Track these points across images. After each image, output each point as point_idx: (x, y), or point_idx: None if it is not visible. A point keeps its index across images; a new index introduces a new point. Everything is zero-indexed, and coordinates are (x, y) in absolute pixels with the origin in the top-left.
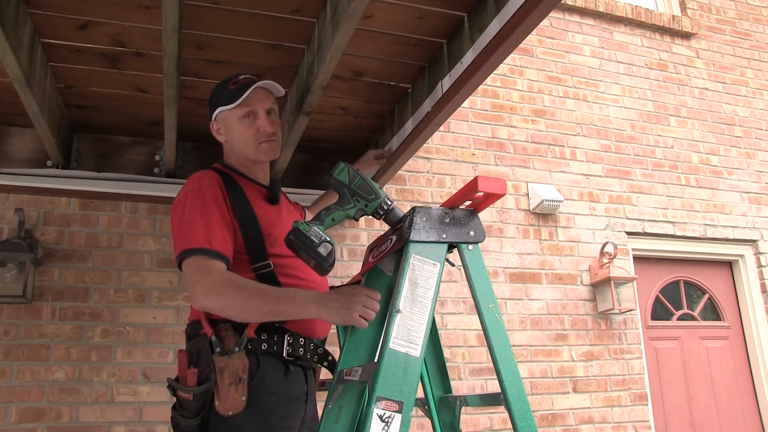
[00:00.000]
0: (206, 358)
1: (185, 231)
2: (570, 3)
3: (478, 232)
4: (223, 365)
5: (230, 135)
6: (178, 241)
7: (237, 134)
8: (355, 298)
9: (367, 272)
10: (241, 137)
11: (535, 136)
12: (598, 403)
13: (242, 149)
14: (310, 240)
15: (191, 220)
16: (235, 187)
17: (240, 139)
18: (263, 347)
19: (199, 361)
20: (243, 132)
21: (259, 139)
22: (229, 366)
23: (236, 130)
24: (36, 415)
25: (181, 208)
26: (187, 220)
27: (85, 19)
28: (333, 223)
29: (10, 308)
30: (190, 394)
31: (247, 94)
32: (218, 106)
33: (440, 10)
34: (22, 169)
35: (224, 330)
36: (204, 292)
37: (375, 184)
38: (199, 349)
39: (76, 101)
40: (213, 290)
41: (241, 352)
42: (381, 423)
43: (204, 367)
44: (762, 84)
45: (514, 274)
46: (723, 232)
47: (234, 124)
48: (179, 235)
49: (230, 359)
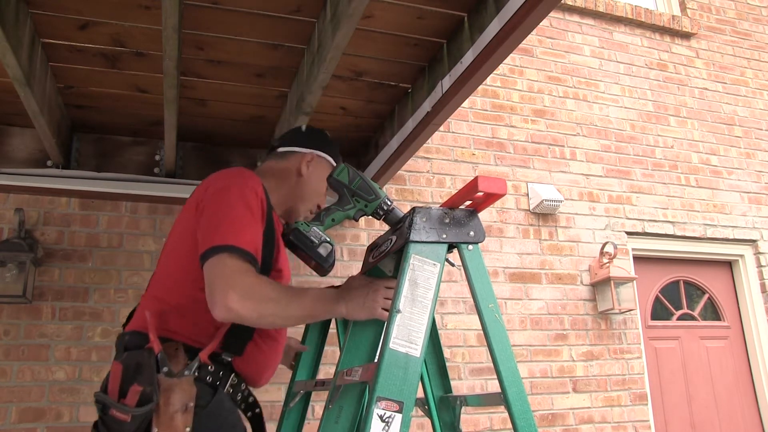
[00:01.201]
0: (149, 376)
1: (229, 223)
2: (570, 3)
3: (477, 233)
4: (169, 388)
5: (310, 182)
6: (218, 229)
7: (311, 185)
8: (376, 293)
9: (366, 272)
10: (312, 191)
11: (535, 136)
12: (598, 403)
13: (297, 197)
14: (309, 240)
15: (239, 216)
16: (270, 207)
17: (308, 191)
18: (208, 379)
19: (138, 378)
20: (316, 190)
21: (312, 208)
22: (177, 390)
23: (314, 182)
24: (36, 415)
25: (224, 196)
26: (233, 214)
27: (85, 19)
28: (333, 223)
29: (10, 308)
30: (128, 415)
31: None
32: (325, 151)
33: (440, 10)
34: (22, 169)
35: (174, 349)
36: (240, 299)
37: (375, 185)
38: (139, 363)
39: (76, 101)
40: (248, 294)
41: (190, 377)
42: (381, 423)
43: (146, 386)
44: (762, 84)
45: (514, 274)
46: (723, 232)
47: (320, 177)
48: (222, 225)
49: (179, 382)
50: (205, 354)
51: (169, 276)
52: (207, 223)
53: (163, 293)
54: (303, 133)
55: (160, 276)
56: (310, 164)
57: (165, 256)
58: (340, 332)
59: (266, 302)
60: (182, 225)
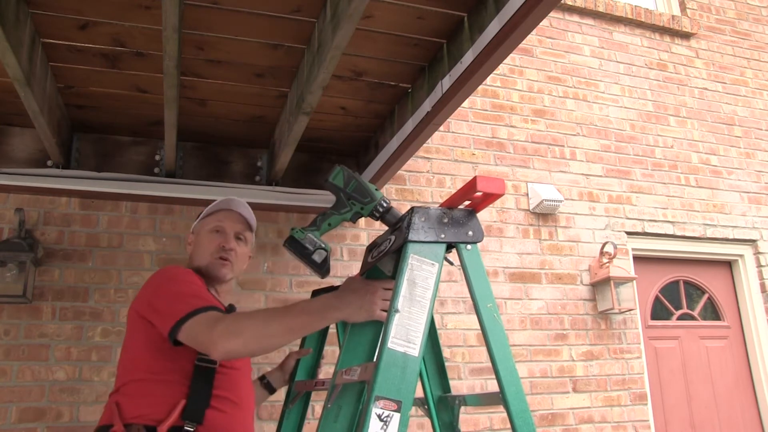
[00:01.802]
0: None
1: (174, 302)
2: (570, 3)
3: (476, 232)
4: None
5: (196, 244)
6: (169, 314)
7: (201, 245)
8: (374, 294)
9: (366, 272)
10: (204, 248)
11: (535, 136)
12: (597, 402)
13: (199, 259)
14: (304, 248)
15: (179, 292)
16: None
17: (201, 249)
18: None
19: None
20: (206, 244)
21: (217, 254)
22: None
23: (202, 241)
24: (36, 414)
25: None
26: (174, 293)
27: (85, 19)
28: (329, 227)
29: (11, 308)
30: None
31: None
32: (197, 220)
33: (440, 10)
34: (23, 169)
35: (136, 430)
36: (222, 335)
37: (371, 187)
38: None
39: (76, 101)
40: (229, 330)
41: None
42: (380, 422)
43: None
44: (762, 84)
45: (513, 273)
46: (723, 231)
47: (203, 235)
48: (171, 309)
49: None
50: (164, 427)
51: (124, 366)
52: (162, 307)
53: (120, 384)
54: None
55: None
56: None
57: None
58: (340, 332)
59: (245, 329)
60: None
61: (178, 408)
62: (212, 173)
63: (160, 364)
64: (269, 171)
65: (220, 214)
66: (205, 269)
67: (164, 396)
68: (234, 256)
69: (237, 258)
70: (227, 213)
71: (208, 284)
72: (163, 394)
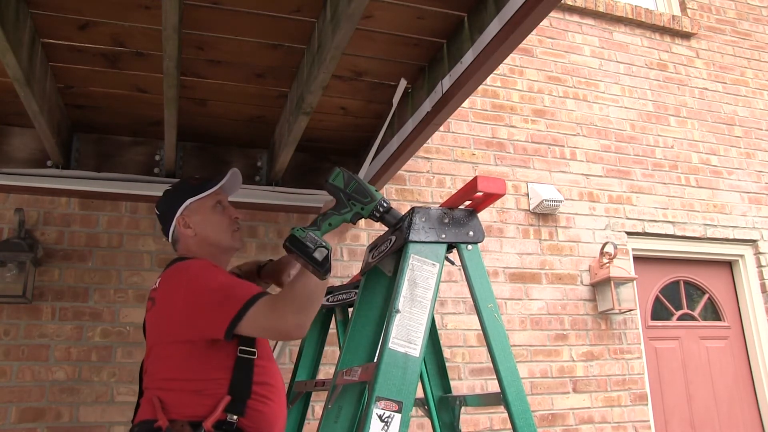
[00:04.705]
0: None
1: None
2: (570, 3)
3: (477, 232)
4: None
5: (203, 224)
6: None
7: (213, 222)
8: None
9: (366, 273)
10: (218, 225)
11: (535, 136)
12: (598, 403)
13: (218, 238)
14: (305, 246)
15: (218, 290)
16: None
17: (216, 227)
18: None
19: None
20: (219, 220)
21: (233, 226)
22: None
23: (211, 218)
24: (36, 415)
25: (194, 296)
26: (213, 292)
27: (85, 19)
28: (330, 228)
29: (10, 308)
30: None
31: (223, 182)
32: (186, 199)
33: (440, 10)
34: (22, 169)
35: (180, 425)
36: (291, 312)
37: (371, 188)
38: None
39: (76, 101)
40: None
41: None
42: (380, 423)
43: None
44: (762, 84)
45: (514, 274)
46: (723, 232)
47: (207, 212)
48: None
49: None
50: (209, 422)
51: (158, 365)
52: (207, 313)
53: (157, 380)
54: (161, 203)
55: (156, 370)
56: (188, 220)
57: (155, 355)
58: (340, 332)
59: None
60: (163, 321)
61: (222, 403)
62: (212, 173)
63: (202, 362)
64: (269, 171)
65: (208, 193)
66: (228, 243)
67: (207, 391)
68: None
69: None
70: (215, 190)
71: (223, 263)
72: (206, 389)
